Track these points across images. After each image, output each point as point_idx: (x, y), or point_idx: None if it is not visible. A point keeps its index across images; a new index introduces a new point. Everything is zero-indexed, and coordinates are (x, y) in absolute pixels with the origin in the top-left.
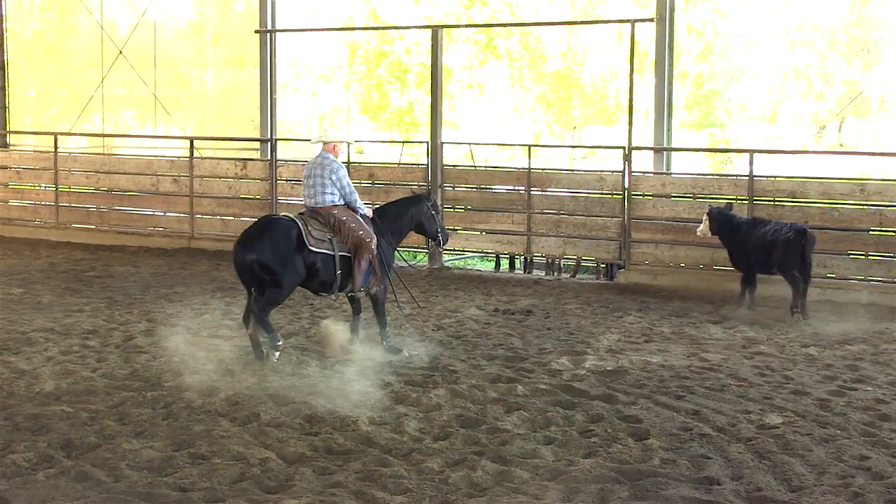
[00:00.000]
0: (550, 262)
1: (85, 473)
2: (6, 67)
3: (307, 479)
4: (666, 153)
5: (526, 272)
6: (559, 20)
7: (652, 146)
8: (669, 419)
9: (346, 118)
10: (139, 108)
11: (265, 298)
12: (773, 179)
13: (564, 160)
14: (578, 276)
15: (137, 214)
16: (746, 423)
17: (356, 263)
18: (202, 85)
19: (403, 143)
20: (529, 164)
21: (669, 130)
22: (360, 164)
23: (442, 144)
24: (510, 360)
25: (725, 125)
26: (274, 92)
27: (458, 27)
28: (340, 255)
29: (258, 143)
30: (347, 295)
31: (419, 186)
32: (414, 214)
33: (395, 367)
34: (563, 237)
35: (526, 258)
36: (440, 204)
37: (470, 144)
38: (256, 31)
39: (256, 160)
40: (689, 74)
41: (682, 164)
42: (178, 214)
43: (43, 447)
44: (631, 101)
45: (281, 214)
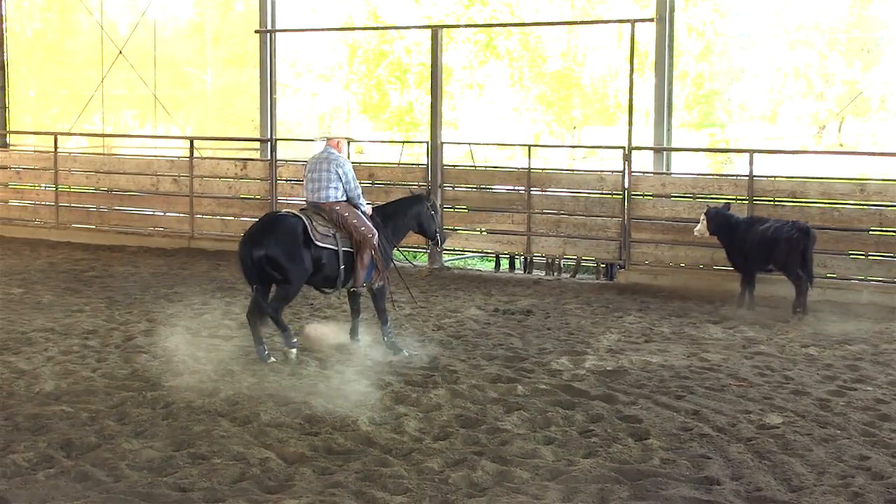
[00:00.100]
0: (550, 262)
1: (85, 473)
2: (6, 67)
3: (307, 479)
4: (666, 153)
5: (526, 272)
6: (559, 20)
7: (652, 146)
8: (669, 419)
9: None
10: (139, 108)
11: (277, 297)
12: (773, 179)
13: (564, 160)
14: (578, 276)
15: (137, 214)
16: (746, 423)
17: (359, 259)
18: (202, 85)
19: (403, 143)
20: (529, 164)
21: (669, 130)
22: (360, 164)
23: (442, 144)
24: (510, 360)
25: (725, 125)
26: (274, 92)
27: (458, 27)
28: (344, 250)
29: (258, 143)
30: (349, 291)
31: (419, 186)
32: (413, 214)
33: (395, 367)
34: (563, 237)
35: (526, 258)
36: (440, 204)
37: (470, 144)
38: (256, 31)
39: (256, 160)
40: (689, 74)
41: (682, 164)
42: (178, 214)
43: (43, 447)
44: (631, 101)
45: (283, 211)
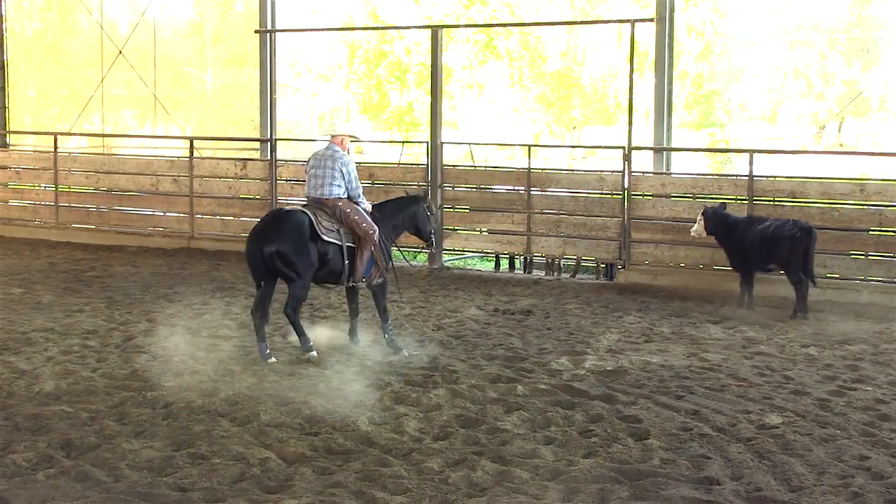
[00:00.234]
0: (550, 262)
1: (85, 473)
2: (6, 67)
3: (307, 479)
4: (666, 153)
5: (526, 272)
6: (559, 20)
7: (652, 146)
8: (669, 419)
9: (346, 118)
10: (139, 108)
11: (291, 298)
12: (773, 179)
13: (564, 160)
14: (578, 276)
15: (137, 214)
16: (746, 423)
17: (359, 254)
18: (202, 85)
19: (403, 143)
20: (529, 164)
21: (669, 130)
22: (360, 163)
23: (442, 144)
24: (510, 360)
25: (725, 125)
26: (274, 92)
27: (458, 27)
28: (348, 245)
29: (258, 143)
30: (348, 287)
31: (418, 187)
32: (411, 214)
33: (394, 366)
34: (562, 237)
35: (526, 258)
36: (440, 204)
37: (470, 144)
38: (256, 31)
39: (256, 160)
40: (689, 74)
41: (681, 164)
42: (177, 214)
43: (43, 447)
44: (631, 101)
45: (288, 207)
